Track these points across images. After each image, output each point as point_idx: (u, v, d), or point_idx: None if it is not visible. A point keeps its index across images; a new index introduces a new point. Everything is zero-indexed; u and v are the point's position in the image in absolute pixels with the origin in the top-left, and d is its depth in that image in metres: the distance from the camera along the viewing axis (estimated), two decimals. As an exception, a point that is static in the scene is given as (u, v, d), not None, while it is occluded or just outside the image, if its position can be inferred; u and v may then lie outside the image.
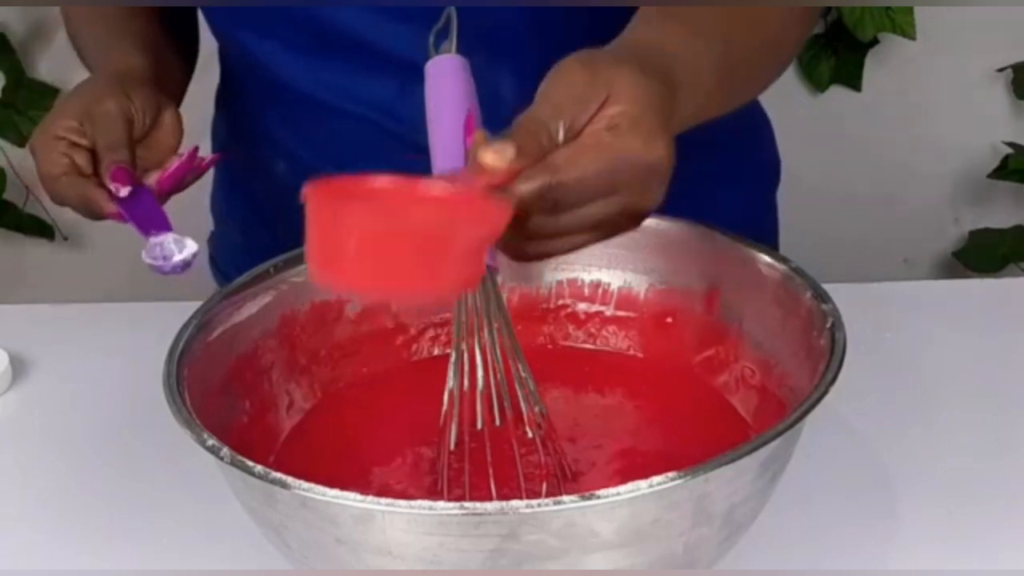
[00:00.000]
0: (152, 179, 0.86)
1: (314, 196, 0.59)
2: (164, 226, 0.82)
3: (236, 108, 1.07)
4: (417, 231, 0.58)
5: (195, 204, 1.17)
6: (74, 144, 0.86)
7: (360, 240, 0.58)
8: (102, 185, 0.84)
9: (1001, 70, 1.79)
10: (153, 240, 0.81)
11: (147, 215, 0.83)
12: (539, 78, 0.69)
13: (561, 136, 0.65)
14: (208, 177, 1.16)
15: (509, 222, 0.62)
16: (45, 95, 1.79)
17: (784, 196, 1.14)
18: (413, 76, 0.83)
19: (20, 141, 1.80)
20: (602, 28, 0.77)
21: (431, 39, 0.83)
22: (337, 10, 0.90)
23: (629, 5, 0.80)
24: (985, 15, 1.74)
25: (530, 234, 0.66)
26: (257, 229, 1.06)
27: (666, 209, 0.69)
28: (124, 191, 0.82)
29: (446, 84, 0.82)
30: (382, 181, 0.60)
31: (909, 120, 1.83)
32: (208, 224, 1.16)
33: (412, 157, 0.75)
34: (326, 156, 0.95)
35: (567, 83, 0.67)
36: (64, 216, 1.89)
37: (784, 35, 0.83)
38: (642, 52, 0.70)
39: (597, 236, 0.67)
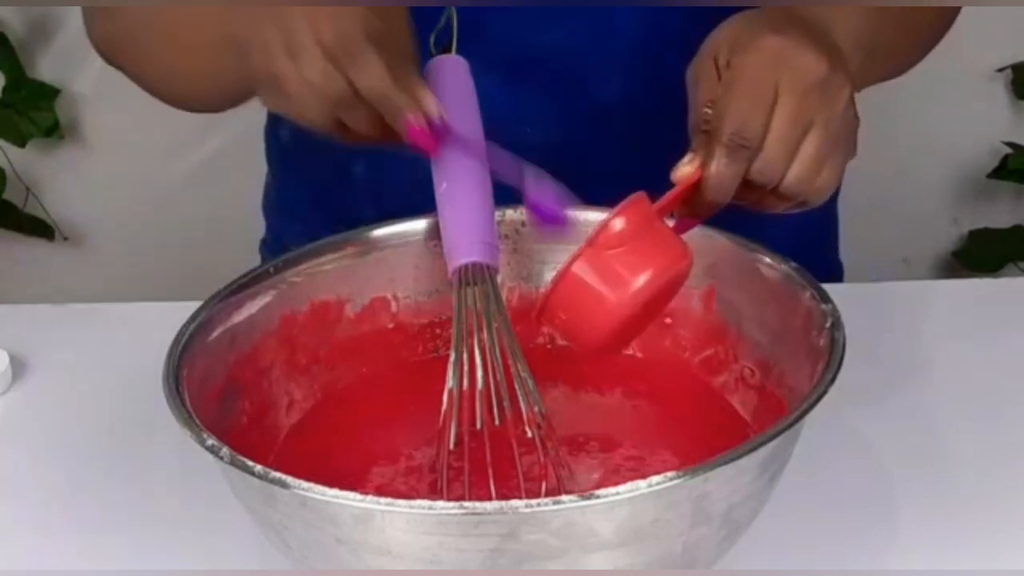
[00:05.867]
0: None
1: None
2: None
3: None
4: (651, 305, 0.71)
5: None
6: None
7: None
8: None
9: (1001, 70, 1.79)
10: None
11: None
12: None
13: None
14: (253, 179, 1.16)
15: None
16: (45, 95, 1.79)
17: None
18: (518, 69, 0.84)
19: (20, 141, 1.80)
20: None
21: (431, 39, 0.83)
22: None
23: (655, 5, 0.82)
24: (985, 15, 1.74)
25: (757, 189, 0.72)
26: (327, 233, 1.02)
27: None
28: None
29: (447, 84, 0.82)
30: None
31: (909, 120, 1.82)
32: (256, 228, 1.16)
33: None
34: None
35: (704, 72, 0.73)
36: (64, 216, 1.89)
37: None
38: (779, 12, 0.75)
39: (822, 168, 0.73)
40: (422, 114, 0.73)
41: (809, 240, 0.92)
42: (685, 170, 0.72)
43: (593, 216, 0.82)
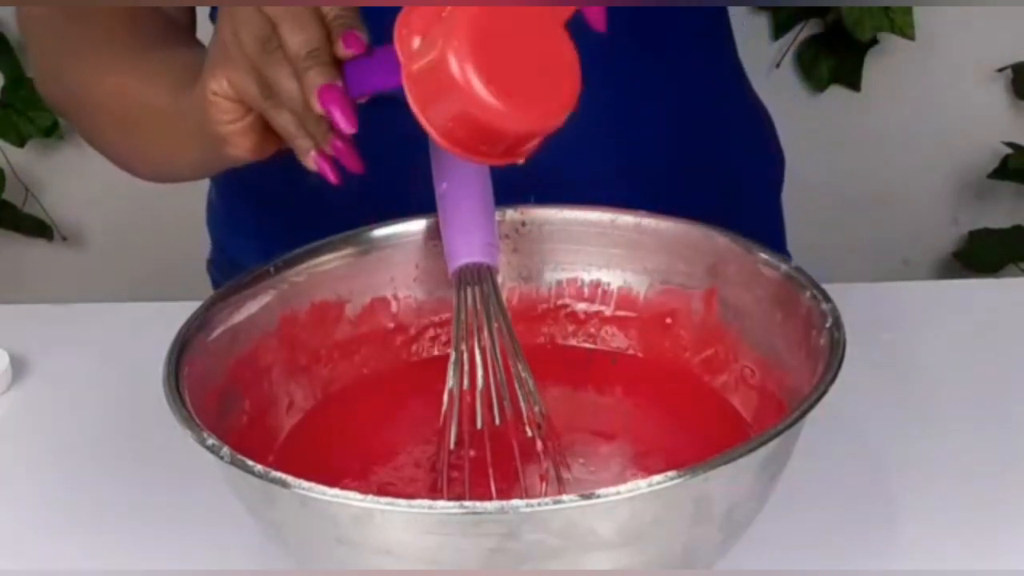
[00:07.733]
0: None
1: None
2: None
3: None
4: None
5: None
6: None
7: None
8: None
9: (1001, 70, 1.79)
10: None
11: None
12: None
13: None
14: (198, 196, 1.14)
15: None
16: (45, 95, 1.79)
17: (783, 196, 1.14)
18: None
19: (20, 141, 1.80)
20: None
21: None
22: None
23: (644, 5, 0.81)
24: (985, 15, 1.74)
25: None
26: (281, 249, 0.99)
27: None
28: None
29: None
30: None
31: (908, 120, 1.83)
32: (200, 246, 1.14)
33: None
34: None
35: None
36: (64, 216, 1.89)
37: None
38: None
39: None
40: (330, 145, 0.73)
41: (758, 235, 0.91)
42: None
43: (594, 216, 0.82)
